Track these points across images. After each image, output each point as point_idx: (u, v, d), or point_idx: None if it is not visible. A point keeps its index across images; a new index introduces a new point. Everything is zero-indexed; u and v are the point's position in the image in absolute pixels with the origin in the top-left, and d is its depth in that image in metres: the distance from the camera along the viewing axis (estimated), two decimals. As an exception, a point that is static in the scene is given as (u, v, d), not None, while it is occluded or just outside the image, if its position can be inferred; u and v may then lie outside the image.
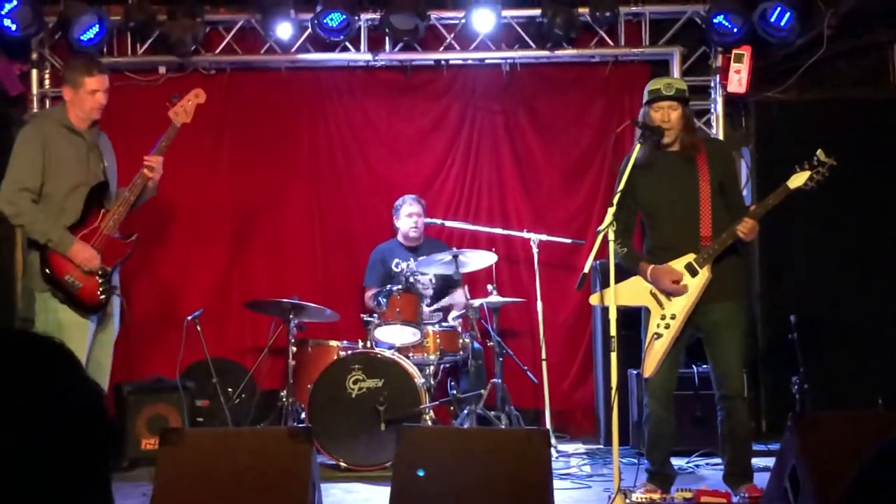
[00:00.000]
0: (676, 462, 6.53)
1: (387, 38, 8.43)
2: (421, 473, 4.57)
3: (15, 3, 7.85)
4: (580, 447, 8.08)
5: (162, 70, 8.63)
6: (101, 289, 6.15)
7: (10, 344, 1.47)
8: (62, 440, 1.41)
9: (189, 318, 7.41)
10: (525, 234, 8.18)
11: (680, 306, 6.01)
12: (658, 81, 6.23)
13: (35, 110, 8.42)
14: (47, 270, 6.10)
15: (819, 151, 5.98)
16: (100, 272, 6.13)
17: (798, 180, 5.97)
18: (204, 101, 6.70)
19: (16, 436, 1.38)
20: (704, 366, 6.86)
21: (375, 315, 7.59)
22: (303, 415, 7.36)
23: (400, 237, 8.34)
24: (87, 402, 1.47)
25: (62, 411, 1.43)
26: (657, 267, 6.05)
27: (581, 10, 8.30)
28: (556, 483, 5.25)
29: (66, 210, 6.15)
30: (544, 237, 8.16)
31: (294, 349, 7.50)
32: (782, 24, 8.04)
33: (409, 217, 8.25)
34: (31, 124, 6.54)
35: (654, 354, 6.02)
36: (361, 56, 8.57)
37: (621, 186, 5.91)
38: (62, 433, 1.42)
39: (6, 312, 8.44)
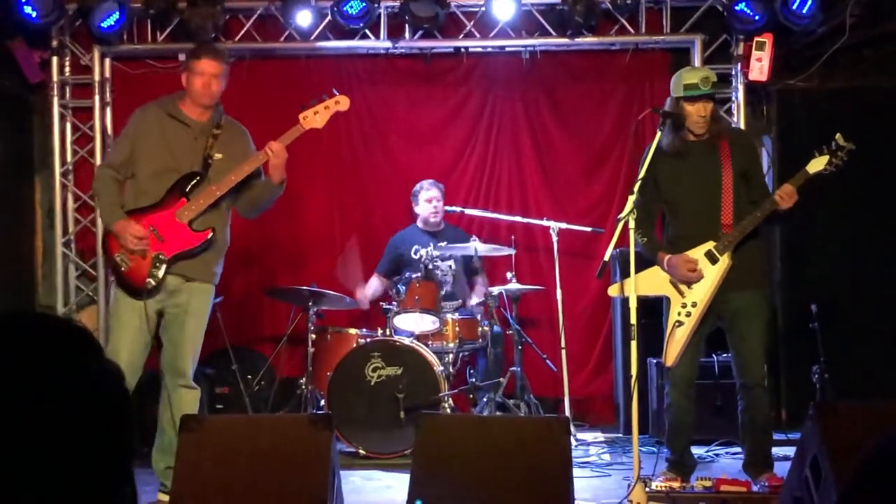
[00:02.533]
0: (696, 451, 6.52)
1: (406, 26, 8.41)
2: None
3: (36, -10, 7.89)
4: (599, 436, 8.08)
5: (182, 57, 8.62)
6: (151, 273, 5.95)
7: (28, 325, 1.48)
8: (76, 423, 1.42)
9: (209, 305, 7.42)
10: (545, 223, 8.16)
11: (701, 294, 5.99)
12: (693, 74, 6.13)
13: (55, 98, 8.46)
14: (104, 250, 6.18)
15: (838, 135, 5.95)
16: (155, 256, 5.97)
17: (817, 165, 5.94)
18: (346, 109, 6.56)
19: (29, 417, 1.39)
20: (725, 355, 6.85)
21: (394, 303, 7.60)
22: (322, 402, 7.37)
23: (419, 223, 8.34)
24: (103, 384, 1.47)
25: (77, 392, 1.43)
26: (673, 256, 6.04)
27: (602, -3, 8.28)
28: (576, 471, 5.24)
29: (146, 192, 6.04)
30: (564, 225, 8.14)
31: (313, 337, 7.52)
32: (804, 11, 7.97)
33: (428, 202, 8.24)
34: (139, 108, 6.39)
35: (676, 343, 6.01)
36: (381, 44, 8.56)
37: (642, 174, 5.88)
38: (76, 415, 1.42)
39: (27, 300, 8.49)
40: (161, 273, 5.98)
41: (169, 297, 6.08)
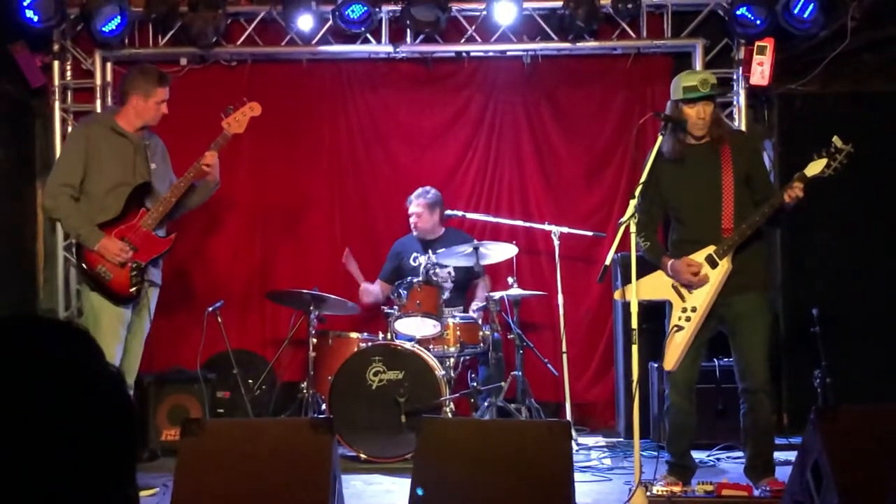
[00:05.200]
0: (697, 455, 6.52)
1: (408, 30, 8.41)
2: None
3: (37, -6, 7.90)
4: (600, 440, 8.07)
5: (183, 62, 8.65)
6: (132, 281, 6.42)
7: (33, 328, 1.49)
8: (81, 425, 1.42)
9: (210, 309, 7.43)
10: (546, 227, 8.16)
11: (701, 298, 5.99)
12: (691, 77, 6.14)
13: (57, 102, 8.46)
14: (83, 265, 6.46)
15: (835, 138, 5.91)
16: (133, 265, 6.41)
17: (815, 168, 5.91)
18: (259, 114, 6.91)
19: (35, 420, 1.39)
20: (726, 359, 6.84)
21: (396, 307, 7.59)
22: (323, 406, 7.37)
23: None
24: (108, 387, 1.48)
25: (83, 395, 1.44)
26: (676, 260, 6.03)
27: (603, 1, 8.26)
28: (577, 476, 5.24)
29: (106, 207, 6.44)
30: (565, 230, 8.13)
31: (314, 341, 7.52)
32: (805, 15, 7.99)
33: (410, 217, 8.26)
34: (79, 125, 6.97)
35: (675, 347, 6.01)
36: (382, 48, 8.56)
37: (644, 178, 5.88)
38: (81, 417, 1.42)
39: (29, 304, 8.49)
40: (140, 280, 6.48)
41: (137, 302, 6.56)
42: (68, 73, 8.57)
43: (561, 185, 8.80)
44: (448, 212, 8.31)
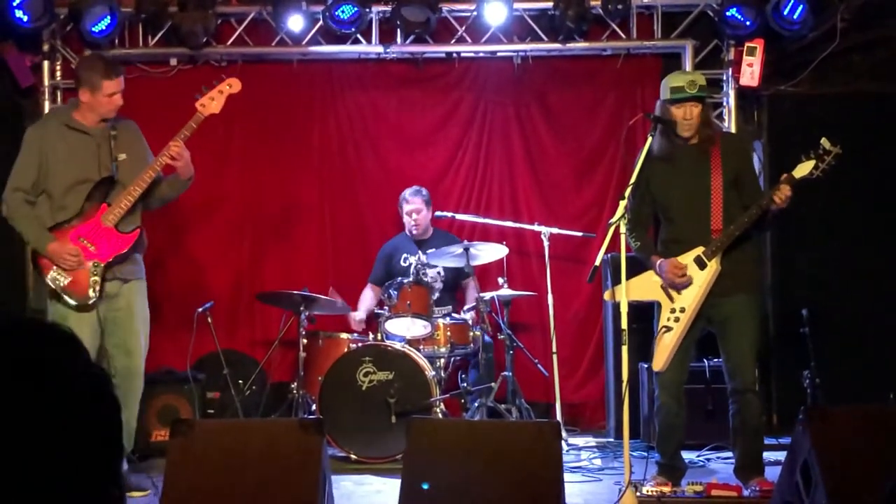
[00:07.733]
0: (687, 455, 6.52)
1: (398, 31, 8.41)
2: (425, 486, 4.56)
3: (26, -6, 7.88)
4: (591, 440, 8.08)
5: (173, 62, 8.62)
6: (91, 282, 6.17)
7: (18, 331, 1.49)
8: (65, 426, 1.43)
9: (200, 309, 7.41)
10: (536, 228, 8.16)
11: (689, 299, 6.00)
12: (679, 78, 6.16)
13: (47, 102, 8.44)
14: (37, 270, 6.28)
15: (823, 140, 5.93)
16: (92, 265, 6.18)
17: (803, 170, 5.92)
18: (238, 90, 6.64)
19: (21, 422, 1.40)
20: (716, 359, 6.84)
21: (386, 308, 7.59)
22: (313, 407, 7.36)
23: (406, 231, 8.35)
24: (91, 387, 1.48)
25: (66, 395, 1.44)
26: (665, 261, 6.04)
27: (593, 2, 8.26)
28: (567, 476, 5.24)
29: (65, 206, 6.25)
30: (555, 230, 8.13)
31: (305, 341, 7.50)
32: (795, 16, 8.00)
33: (408, 216, 8.24)
34: (33, 126, 6.69)
35: (664, 348, 6.01)
36: (373, 48, 8.55)
37: (634, 178, 5.89)
38: (66, 417, 1.43)
39: (18, 304, 8.47)
40: (100, 280, 6.19)
41: (109, 302, 6.29)
42: (58, 73, 8.54)
43: (551, 186, 8.80)
44: (438, 213, 8.31)
